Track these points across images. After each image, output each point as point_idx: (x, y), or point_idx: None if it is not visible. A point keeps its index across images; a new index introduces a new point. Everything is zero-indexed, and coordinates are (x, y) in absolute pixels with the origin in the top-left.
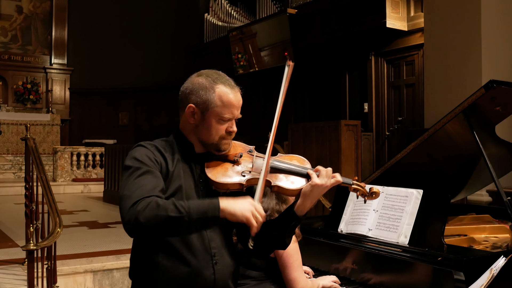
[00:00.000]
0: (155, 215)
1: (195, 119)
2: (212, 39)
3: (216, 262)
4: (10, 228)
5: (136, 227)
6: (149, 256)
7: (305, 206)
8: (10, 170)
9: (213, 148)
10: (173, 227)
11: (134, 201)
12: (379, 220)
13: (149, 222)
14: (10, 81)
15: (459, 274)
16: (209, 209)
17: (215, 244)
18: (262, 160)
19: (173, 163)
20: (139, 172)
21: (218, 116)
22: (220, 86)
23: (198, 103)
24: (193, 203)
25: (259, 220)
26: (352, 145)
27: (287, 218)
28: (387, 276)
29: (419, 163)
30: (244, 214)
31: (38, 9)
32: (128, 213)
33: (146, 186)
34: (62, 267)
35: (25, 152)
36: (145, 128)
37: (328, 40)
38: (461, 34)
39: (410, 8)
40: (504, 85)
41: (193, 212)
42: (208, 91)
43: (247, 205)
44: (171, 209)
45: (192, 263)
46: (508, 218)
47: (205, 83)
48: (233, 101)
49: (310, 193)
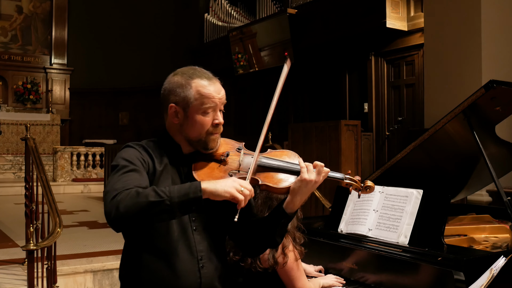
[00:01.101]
0: (135, 203)
1: (179, 118)
2: (212, 39)
3: (202, 265)
4: (10, 228)
5: (117, 217)
6: (135, 258)
7: (295, 203)
8: (10, 170)
9: (200, 146)
10: (154, 212)
11: (115, 194)
12: (379, 220)
13: (130, 210)
14: (10, 81)
15: (459, 274)
16: (191, 191)
17: (202, 248)
18: (250, 158)
19: (161, 164)
20: (124, 170)
21: (200, 109)
22: (196, 80)
23: (177, 101)
24: (174, 187)
25: (245, 193)
26: (352, 145)
27: (277, 216)
28: (387, 276)
29: (419, 163)
30: (226, 190)
31: (38, 9)
32: (109, 204)
33: (128, 182)
34: (62, 267)
35: (25, 152)
36: (145, 128)
37: (328, 40)
38: (461, 34)
39: (410, 8)
40: (504, 85)
41: (174, 195)
42: (185, 88)
43: (230, 181)
44: (152, 194)
45: (177, 266)
46: (508, 218)
47: (180, 80)
48: (212, 91)
49: (299, 189)
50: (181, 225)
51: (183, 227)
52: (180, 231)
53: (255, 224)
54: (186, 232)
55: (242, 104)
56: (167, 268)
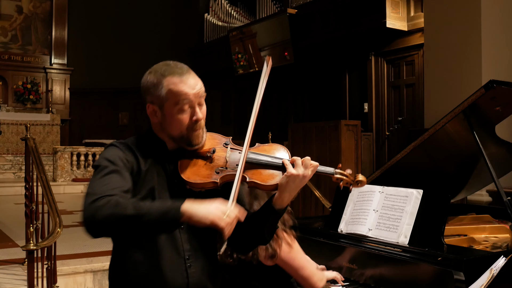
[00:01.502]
0: (112, 213)
1: (157, 117)
2: (212, 39)
3: (190, 265)
4: (10, 228)
5: (93, 225)
6: (122, 259)
7: (283, 199)
8: (10, 170)
9: (184, 142)
10: (130, 226)
11: (95, 198)
12: (379, 220)
13: (106, 220)
14: (10, 81)
15: (459, 274)
16: (170, 211)
17: (189, 247)
18: (237, 153)
19: (145, 163)
20: (106, 171)
21: (176, 107)
22: (168, 77)
23: (153, 101)
24: (155, 204)
25: (228, 221)
26: (352, 145)
27: (266, 213)
28: (387, 276)
29: (419, 163)
30: (208, 217)
31: (38, 9)
32: (87, 210)
33: (109, 185)
34: (62, 267)
35: (25, 152)
36: (145, 128)
37: (328, 40)
38: (461, 34)
39: (410, 8)
40: (504, 85)
41: (153, 212)
42: (157, 87)
43: (213, 208)
44: (130, 208)
45: (163, 266)
46: (508, 218)
47: (153, 79)
48: (185, 88)
49: (286, 185)
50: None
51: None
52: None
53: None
54: (173, 231)
55: (242, 104)
56: (154, 268)
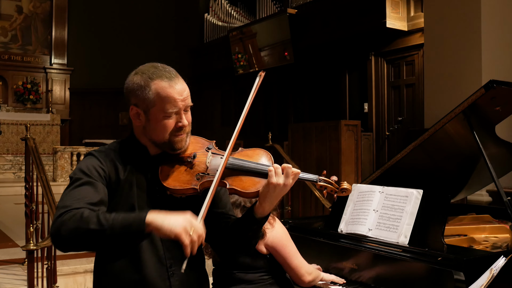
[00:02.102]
0: (76, 228)
1: (141, 120)
2: (212, 39)
3: (172, 273)
4: (10, 228)
5: (59, 240)
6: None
7: (264, 208)
8: (10, 170)
9: (167, 147)
10: (94, 240)
11: (62, 212)
12: (379, 220)
13: (70, 235)
14: (10, 81)
15: (459, 274)
16: (134, 223)
17: (172, 254)
18: (218, 158)
19: (124, 171)
20: (78, 183)
21: (162, 112)
22: (157, 81)
23: (138, 104)
24: (119, 216)
25: (193, 239)
26: (352, 145)
27: (247, 222)
28: (387, 276)
29: (419, 163)
30: (173, 230)
31: (38, 9)
32: (53, 224)
33: (79, 197)
34: (62, 267)
35: (25, 152)
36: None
37: (328, 40)
38: (461, 34)
39: (410, 8)
40: (504, 85)
41: (116, 225)
42: (144, 90)
43: (181, 220)
44: (94, 221)
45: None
46: (508, 218)
47: (140, 81)
48: (173, 93)
49: (267, 193)
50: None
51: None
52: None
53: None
54: (154, 239)
55: (242, 104)
56: (137, 276)
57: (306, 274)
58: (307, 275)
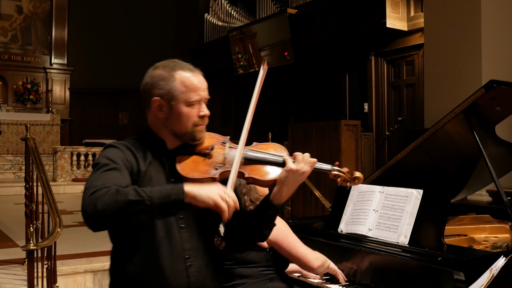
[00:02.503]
0: (114, 200)
1: (164, 112)
2: (212, 39)
3: (190, 264)
4: (10, 228)
5: (94, 214)
6: (122, 261)
7: (282, 194)
8: (10, 170)
9: (188, 138)
10: (133, 212)
11: (94, 190)
12: (379, 220)
13: (107, 208)
14: (10, 81)
15: (459, 274)
16: (173, 193)
17: (189, 246)
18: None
19: (144, 163)
20: (105, 168)
21: (186, 101)
22: (179, 72)
23: (162, 94)
24: (156, 188)
25: (230, 203)
26: (352, 145)
27: (263, 208)
28: (387, 276)
29: (419, 163)
30: (210, 197)
31: (38, 9)
32: (86, 201)
33: (109, 180)
34: (62, 267)
35: (25, 152)
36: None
37: (328, 40)
38: (461, 34)
39: (410, 8)
40: (504, 85)
41: (155, 196)
42: (168, 80)
43: (215, 188)
44: (132, 193)
45: (163, 267)
46: (508, 218)
47: (163, 73)
48: (196, 83)
49: (285, 179)
50: (166, 224)
51: (169, 226)
52: (166, 230)
53: (242, 218)
54: (172, 231)
55: (242, 104)
56: (154, 269)
57: (314, 259)
58: (315, 260)
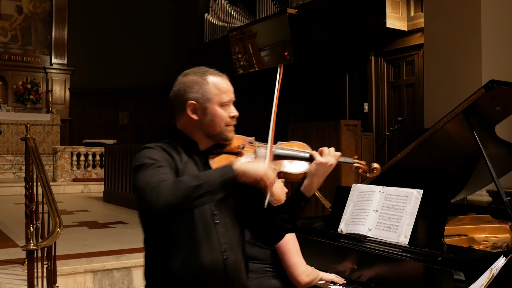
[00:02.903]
0: (178, 189)
1: (199, 114)
2: (212, 39)
3: (226, 257)
4: (10, 228)
5: (162, 205)
6: (159, 258)
7: (313, 185)
8: (10, 170)
9: (220, 137)
10: (198, 196)
11: (154, 185)
12: (379, 220)
13: (174, 198)
14: (10, 81)
15: (459, 274)
16: (225, 173)
17: (225, 240)
18: (263, 149)
19: (181, 162)
20: (153, 167)
21: (219, 102)
22: (210, 76)
23: (197, 98)
24: (207, 171)
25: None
26: (352, 145)
27: (296, 199)
28: (387, 276)
29: (419, 163)
30: (258, 172)
31: (38, 9)
32: (149, 195)
33: (162, 175)
34: (62, 267)
35: (25, 152)
36: (145, 128)
37: (328, 40)
38: (461, 34)
39: (410, 8)
40: (504, 85)
41: (211, 178)
42: (202, 85)
43: (260, 164)
44: (191, 180)
45: (203, 259)
46: (508, 218)
47: (195, 78)
48: (226, 86)
49: (316, 171)
50: (203, 220)
51: (206, 221)
52: (203, 225)
53: (274, 211)
54: (209, 226)
55: (242, 104)
56: (195, 263)
57: (303, 274)
58: (304, 276)
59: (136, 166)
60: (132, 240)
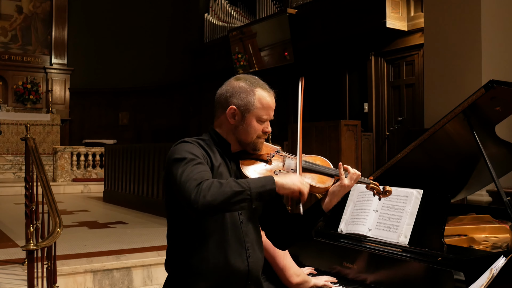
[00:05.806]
0: (221, 192)
1: (236, 120)
2: (212, 39)
3: (249, 255)
4: (10, 228)
5: (205, 205)
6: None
7: (332, 203)
8: (10, 170)
9: (250, 147)
10: (236, 201)
11: (198, 182)
12: (379, 220)
13: (216, 199)
14: (10, 81)
15: (459, 274)
16: (266, 183)
17: (248, 238)
18: (290, 160)
19: (216, 160)
20: (194, 162)
21: (257, 117)
22: (259, 89)
23: (239, 105)
24: (251, 179)
25: (307, 187)
26: (352, 145)
27: (316, 215)
28: (387, 276)
29: (419, 163)
30: (295, 184)
31: (38, 9)
32: (194, 192)
33: (203, 172)
34: (62, 267)
35: (25, 152)
36: (145, 128)
37: (328, 40)
38: (461, 34)
39: (410, 8)
40: (504, 85)
41: (253, 186)
42: (249, 94)
43: (295, 177)
44: (234, 185)
45: (229, 255)
46: (508, 218)
47: (245, 86)
48: (270, 103)
49: (337, 192)
50: (232, 219)
51: (234, 220)
52: (232, 222)
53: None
54: (236, 224)
55: None
56: (222, 257)
57: (294, 275)
58: (295, 277)
59: (176, 158)
60: (132, 240)
